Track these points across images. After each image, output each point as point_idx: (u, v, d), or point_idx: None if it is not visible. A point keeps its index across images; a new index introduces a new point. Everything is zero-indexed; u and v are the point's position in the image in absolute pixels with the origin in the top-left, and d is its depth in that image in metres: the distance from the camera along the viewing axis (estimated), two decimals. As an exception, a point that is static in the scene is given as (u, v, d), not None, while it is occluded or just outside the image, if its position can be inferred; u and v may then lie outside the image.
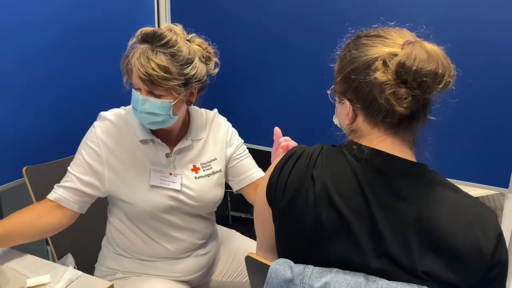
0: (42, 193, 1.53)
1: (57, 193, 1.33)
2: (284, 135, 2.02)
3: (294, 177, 0.92)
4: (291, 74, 1.95)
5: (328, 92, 1.00)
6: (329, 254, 0.88)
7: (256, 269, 0.99)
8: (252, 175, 1.51)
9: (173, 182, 1.36)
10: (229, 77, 2.03)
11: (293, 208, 0.92)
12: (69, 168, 1.37)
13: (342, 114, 0.95)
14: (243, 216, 2.89)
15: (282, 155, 0.99)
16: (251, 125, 2.08)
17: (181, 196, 1.37)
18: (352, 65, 0.87)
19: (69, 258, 1.38)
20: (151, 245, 1.38)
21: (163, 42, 1.23)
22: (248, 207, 2.96)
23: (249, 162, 1.54)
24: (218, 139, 1.48)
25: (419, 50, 0.79)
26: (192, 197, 1.38)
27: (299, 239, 0.92)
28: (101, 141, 1.33)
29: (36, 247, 2.02)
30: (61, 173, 1.61)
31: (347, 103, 0.91)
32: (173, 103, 1.27)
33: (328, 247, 0.88)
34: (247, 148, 1.58)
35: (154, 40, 1.24)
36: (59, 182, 1.56)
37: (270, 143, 1.97)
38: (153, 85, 1.22)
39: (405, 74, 0.79)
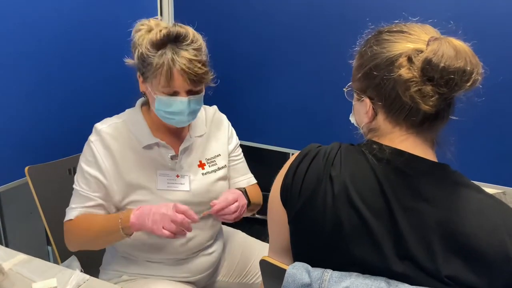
0: (44, 192, 1.52)
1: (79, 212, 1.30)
2: (285, 133, 2.02)
3: (311, 177, 0.89)
4: (292, 73, 1.93)
5: (345, 89, 0.97)
6: (348, 256, 0.86)
7: (271, 273, 0.96)
8: (244, 181, 1.51)
9: (181, 183, 1.34)
10: (230, 74, 2.01)
11: (310, 209, 0.89)
12: (79, 188, 1.30)
13: (361, 112, 0.92)
14: (243, 215, 2.85)
15: (296, 154, 0.96)
16: (251, 123, 2.06)
17: (191, 196, 1.35)
18: (373, 62, 0.84)
19: (74, 260, 1.35)
20: (160, 246, 1.36)
21: (188, 40, 1.21)
22: (249, 206, 2.93)
23: (244, 167, 1.54)
24: (219, 135, 1.47)
25: (446, 47, 0.77)
26: (201, 195, 1.37)
27: (317, 241, 0.89)
28: (102, 156, 1.29)
29: (37, 247, 2.00)
30: (64, 172, 1.59)
31: (367, 100, 0.88)
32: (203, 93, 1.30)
33: (348, 250, 0.85)
34: (246, 146, 1.57)
35: (176, 40, 1.21)
36: (61, 182, 1.53)
37: (270, 141, 1.96)
38: (199, 83, 1.24)
39: (431, 71, 0.77)
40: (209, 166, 1.41)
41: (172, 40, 1.20)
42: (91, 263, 1.50)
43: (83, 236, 1.29)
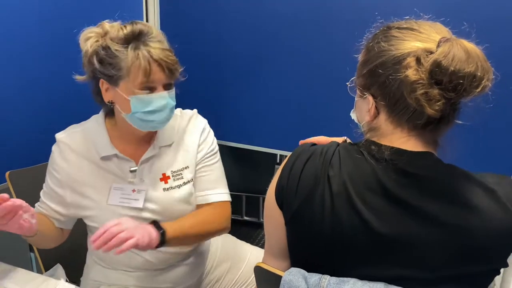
0: (26, 198, 1.44)
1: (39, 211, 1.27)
2: (273, 134, 1.98)
3: (308, 177, 0.87)
4: (280, 73, 1.91)
5: (348, 84, 0.94)
6: (349, 260, 0.84)
7: (266, 280, 0.93)
8: (212, 195, 1.33)
9: (135, 199, 1.24)
10: (217, 75, 1.98)
11: (307, 210, 0.86)
12: (41, 192, 1.30)
13: (363, 109, 0.89)
14: (232, 217, 2.82)
15: (289, 154, 0.93)
16: (239, 124, 2.04)
17: (144, 214, 1.25)
18: (380, 59, 0.81)
19: (59, 269, 1.30)
20: (130, 257, 1.29)
21: (152, 34, 1.15)
22: (236, 209, 2.91)
23: (215, 179, 1.35)
24: (190, 144, 1.33)
25: (457, 49, 0.73)
26: (158, 213, 1.26)
27: (315, 244, 0.86)
28: (59, 167, 1.24)
29: (19, 254, 1.93)
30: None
31: (370, 98, 0.85)
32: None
33: (348, 253, 0.83)
34: (233, 147, 1.47)
35: (140, 36, 1.14)
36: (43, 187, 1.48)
37: (257, 142, 1.91)
38: (174, 73, 1.17)
39: (440, 74, 0.74)
40: (174, 180, 1.28)
41: (136, 37, 1.14)
42: (77, 271, 1.45)
43: None
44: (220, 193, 1.34)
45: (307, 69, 1.84)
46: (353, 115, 0.97)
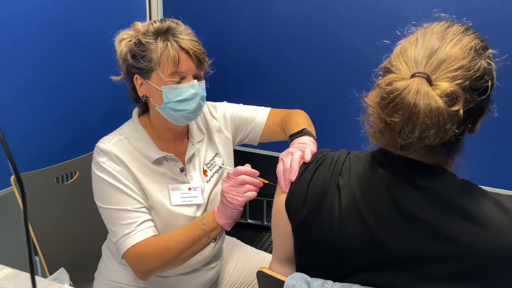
0: (32, 202, 1.46)
1: (141, 233, 1.19)
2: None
3: (316, 186, 0.87)
4: (284, 75, 1.91)
5: None
6: (355, 271, 0.83)
7: (269, 285, 0.93)
8: (259, 120, 1.44)
9: (195, 197, 1.28)
10: (221, 77, 1.98)
11: (315, 219, 0.86)
12: (121, 208, 1.19)
13: None
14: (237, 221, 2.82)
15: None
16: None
17: (206, 207, 1.31)
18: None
19: (63, 273, 1.30)
20: None
21: (180, 29, 1.21)
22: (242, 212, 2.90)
23: (249, 108, 1.47)
24: (213, 135, 1.40)
25: None
26: (213, 203, 1.32)
27: (321, 253, 0.86)
28: (120, 173, 1.20)
29: (24, 258, 1.94)
30: (51, 181, 1.54)
31: None
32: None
33: (354, 264, 0.83)
34: (238, 151, 1.50)
35: (168, 31, 1.19)
36: (48, 190, 1.47)
37: (261, 145, 1.91)
38: (203, 63, 1.21)
39: None
40: (210, 170, 1.35)
41: (165, 31, 1.19)
42: (82, 274, 1.45)
43: (161, 258, 1.17)
44: (264, 108, 1.47)
45: (313, 71, 1.84)
46: None
